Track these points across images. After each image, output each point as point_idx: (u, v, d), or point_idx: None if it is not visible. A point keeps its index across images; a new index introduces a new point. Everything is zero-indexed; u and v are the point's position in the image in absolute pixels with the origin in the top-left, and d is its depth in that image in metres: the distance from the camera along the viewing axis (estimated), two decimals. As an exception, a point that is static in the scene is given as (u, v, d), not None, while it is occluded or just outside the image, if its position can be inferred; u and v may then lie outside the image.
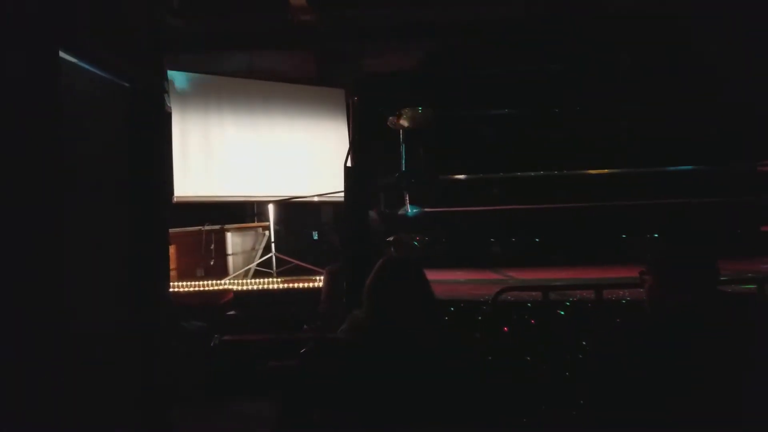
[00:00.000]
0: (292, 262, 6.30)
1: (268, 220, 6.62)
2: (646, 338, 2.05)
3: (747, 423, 1.78)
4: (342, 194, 4.47)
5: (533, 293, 3.65)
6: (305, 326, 4.77)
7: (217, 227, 6.30)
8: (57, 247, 2.31)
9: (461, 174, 5.07)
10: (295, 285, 5.65)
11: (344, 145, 6.52)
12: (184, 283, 5.71)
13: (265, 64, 6.77)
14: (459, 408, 1.94)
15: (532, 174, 5.07)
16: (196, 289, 5.65)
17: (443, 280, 4.66)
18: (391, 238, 4.88)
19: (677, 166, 4.87)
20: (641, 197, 4.82)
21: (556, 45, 5.77)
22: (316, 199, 6.49)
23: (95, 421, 2.58)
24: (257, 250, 6.73)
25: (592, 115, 5.37)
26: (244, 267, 6.45)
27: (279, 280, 5.90)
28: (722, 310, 2.02)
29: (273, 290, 5.66)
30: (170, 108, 5.85)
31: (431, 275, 2.20)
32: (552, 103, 5.33)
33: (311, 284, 5.59)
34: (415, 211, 5.26)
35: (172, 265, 5.72)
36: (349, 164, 5.00)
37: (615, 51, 5.45)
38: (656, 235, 3.26)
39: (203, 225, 6.21)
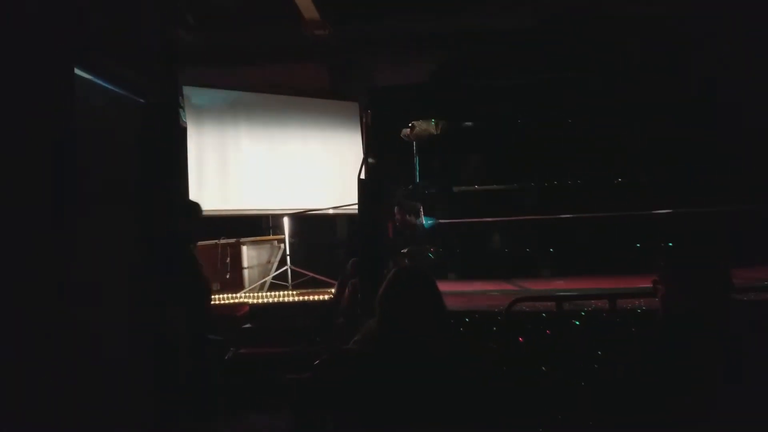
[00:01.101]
0: (308, 275, 6.31)
1: (283, 233, 6.65)
2: (658, 345, 2.03)
3: (755, 428, 1.75)
4: (356, 206, 4.49)
5: (547, 303, 3.64)
6: (317, 339, 4.77)
7: (232, 241, 6.32)
8: (69, 259, 2.34)
9: (475, 185, 5.07)
10: (311, 297, 5.65)
11: (358, 157, 6.55)
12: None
13: (279, 78, 6.83)
14: (469, 417, 1.93)
15: (546, 184, 5.05)
16: (212, 302, 5.67)
17: (458, 291, 4.65)
18: (405, 250, 4.88)
19: (692, 174, 4.83)
20: (656, 206, 4.79)
21: (567, 53, 5.76)
22: (330, 211, 6.51)
23: (106, 427, 2.60)
24: (273, 263, 6.75)
25: (606, 124, 5.35)
26: (259, 280, 6.47)
27: (295, 292, 5.91)
28: (735, 317, 2.00)
29: (289, 303, 5.66)
30: (185, 123, 5.92)
31: (446, 286, 2.20)
32: (564, 112, 5.32)
33: (327, 296, 5.60)
34: (429, 222, 5.26)
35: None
36: (362, 176, 5.02)
37: (625, 57, 5.44)
38: (670, 244, 3.24)
39: (219, 238, 6.24)
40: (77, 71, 2.55)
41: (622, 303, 3.52)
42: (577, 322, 3.59)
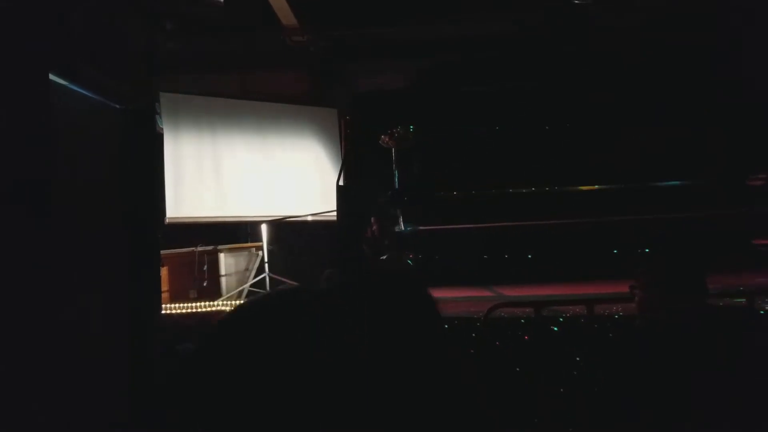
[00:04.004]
0: (286, 282, 6.28)
1: (261, 240, 6.61)
2: (636, 350, 2.05)
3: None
4: (335, 213, 4.49)
5: (526, 309, 3.66)
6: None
7: (209, 248, 6.27)
8: (47, 266, 2.30)
9: (454, 191, 5.09)
10: (289, 305, 5.62)
11: (336, 164, 6.55)
12: (177, 305, 5.68)
13: (257, 85, 6.81)
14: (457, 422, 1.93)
15: (524, 191, 5.09)
16: (189, 310, 5.62)
17: (436, 297, 4.66)
18: (384, 257, 4.88)
19: (668, 180, 4.90)
20: (632, 212, 4.85)
21: (546, 60, 5.82)
22: (309, 218, 6.49)
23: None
24: (251, 271, 6.71)
25: (582, 131, 5.41)
26: (237, 288, 6.42)
27: (272, 300, 5.87)
28: (711, 322, 2.03)
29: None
30: (162, 129, 5.86)
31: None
32: (543, 119, 5.38)
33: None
34: (408, 229, 5.27)
35: (165, 286, 5.69)
36: (341, 183, 5.02)
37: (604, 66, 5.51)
38: (647, 250, 3.29)
39: (196, 246, 6.19)
40: (53, 77, 2.52)
41: (600, 309, 3.57)
42: (556, 328, 3.62)
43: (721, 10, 5.00)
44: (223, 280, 6.36)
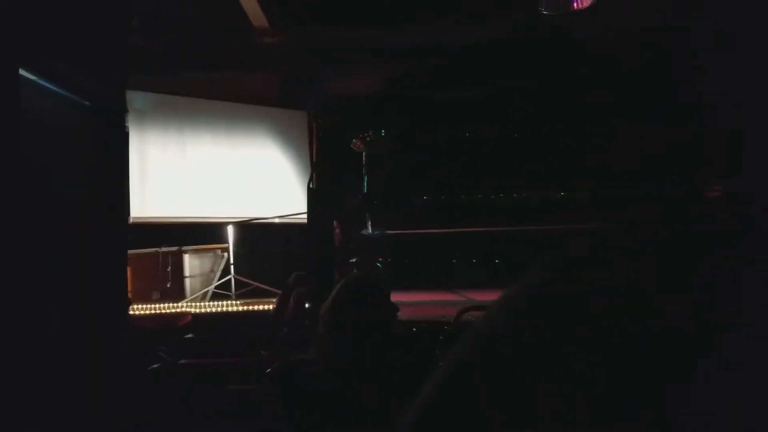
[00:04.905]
0: (252, 284, 6.23)
1: (227, 241, 6.55)
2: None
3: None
4: (305, 215, 4.47)
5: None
6: (263, 352, 4.71)
7: (174, 249, 6.19)
8: (9, 266, 2.25)
9: (423, 196, 5.13)
10: (255, 307, 5.59)
11: (306, 166, 6.54)
12: (140, 306, 5.59)
13: (226, 85, 6.74)
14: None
15: (493, 197, 5.15)
16: (152, 312, 5.54)
17: (405, 301, 4.69)
18: (353, 260, 4.88)
19: (628, 187, 5.01)
20: (599, 218, 4.94)
21: (517, 66, 5.90)
22: (276, 220, 6.46)
23: None
24: (216, 272, 6.64)
25: (551, 137, 5.50)
26: (201, 289, 6.35)
27: (238, 302, 5.83)
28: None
29: (232, 313, 5.58)
30: (128, 127, 5.77)
31: (393, 297, 2.23)
32: (515, 124, 5.45)
33: (271, 306, 5.54)
34: (377, 232, 5.28)
35: (127, 287, 5.60)
36: (312, 186, 5.00)
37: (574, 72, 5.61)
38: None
39: (160, 246, 6.09)
40: (23, 72, 2.46)
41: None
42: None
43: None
44: (188, 281, 6.29)
